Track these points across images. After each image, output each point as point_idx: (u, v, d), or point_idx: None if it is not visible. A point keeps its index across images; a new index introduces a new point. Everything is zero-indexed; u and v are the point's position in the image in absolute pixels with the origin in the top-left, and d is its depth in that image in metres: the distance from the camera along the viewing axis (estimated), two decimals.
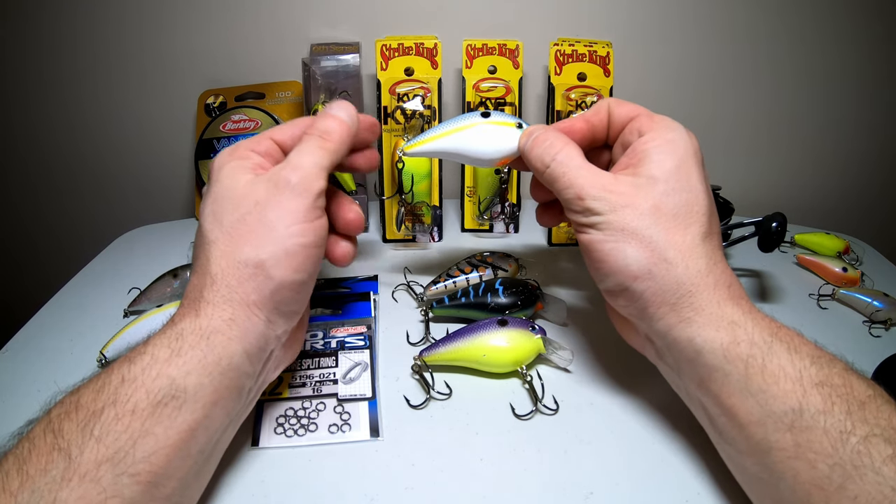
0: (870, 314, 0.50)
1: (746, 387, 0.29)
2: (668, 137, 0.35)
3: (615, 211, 0.33)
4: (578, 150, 0.37)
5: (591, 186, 0.34)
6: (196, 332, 0.29)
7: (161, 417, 0.27)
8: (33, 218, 0.81)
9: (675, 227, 0.33)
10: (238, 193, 0.32)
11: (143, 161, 0.74)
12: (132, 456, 0.25)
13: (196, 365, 0.28)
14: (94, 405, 0.26)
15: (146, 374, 0.27)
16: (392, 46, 0.58)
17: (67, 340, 0.46)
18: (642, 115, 0.37)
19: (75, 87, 0.70)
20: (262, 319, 0.31)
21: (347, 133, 0.35)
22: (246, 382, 0.32)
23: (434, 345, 0.43)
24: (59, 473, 0.24)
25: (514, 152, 0.41)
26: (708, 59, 0.68)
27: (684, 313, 0.32)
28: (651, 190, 0.33)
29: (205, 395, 0.28)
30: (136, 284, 0.51)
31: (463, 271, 0.51)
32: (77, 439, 0.25)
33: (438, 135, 0.42)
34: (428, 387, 0.41)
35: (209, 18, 0.66)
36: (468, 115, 0.43)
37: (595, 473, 0.35)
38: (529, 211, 0.69)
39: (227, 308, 0.30)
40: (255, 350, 0.31)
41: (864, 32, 0.67)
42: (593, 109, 0.39)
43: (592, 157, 0.39)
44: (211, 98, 0.66)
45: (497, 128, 0.41)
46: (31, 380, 0.42)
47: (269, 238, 0.31)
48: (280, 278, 0.31)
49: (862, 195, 0.77)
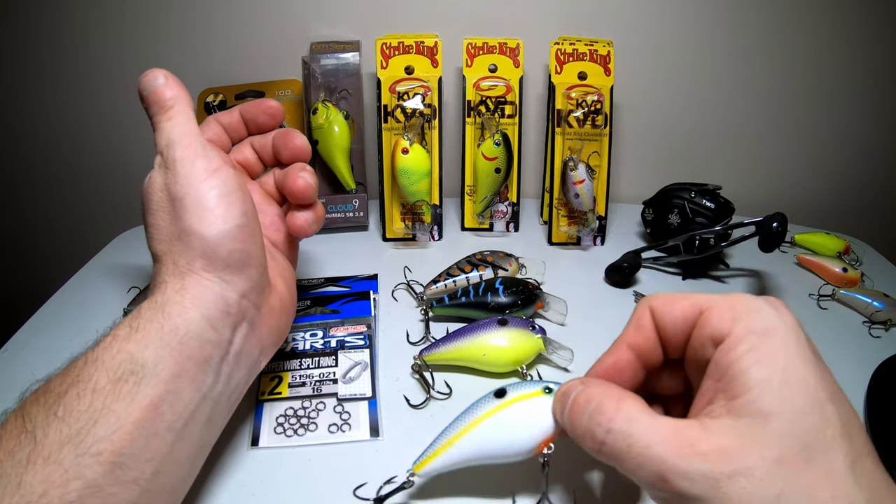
0: (870, 315, 0.50)
1: None
2: (760, 331, 0.24)
3: (722, 486, 0.22)
4: (639, 400, 0.26)
5: (677, 456, 0.23)
6: (152, 307, 0.29)
7: (121, 394, 0.26)
8: (33, 216, 0.81)
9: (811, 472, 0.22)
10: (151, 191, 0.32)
11: (142, 159, 0.74)
12: (93, 435, 0.25)
13: (154, 337, 0.28)
14: (60, 387, 0.27)
15: (107, 352, 0.27)
16: (392, 45, 0.58)
17: (67, 340, 0.46)
18: (709, 310, 0.26)
19: (76, 86, 0.70)
20: (215, 280, 0.31)
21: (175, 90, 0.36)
22: (213, 352, 0.30)
23: (434, 344, 0.43)
24: (25, 456, 0.24)
25: (554, 429, 0.30)
26: (709, 58, 0.68)
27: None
28: (765, 435, 0.22)
29: (165, 367, 0.28)
30: (136, 283, 0.51)
31: (463, 270, 0.51)
32: (42, 421, 0.25)
33: (448, 442, 0.32)
34: (428, 386, 0.41)
35: (209, 17, 0.66)
36: (478, 403, 0.32)
37: (595, 473, 0.35)
38: (529, 210, 0.69)
39: (177, 280, 0.30)
40: (215, 313, 0.30)
41: (865, 31, 0.67)
42: (633, 322, 0.29)
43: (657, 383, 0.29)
44: (211, 96, 0.66)
45: (519, 406, 0.31)
46: (30, 379, 0.41)
47: (182, 206, 0.31)
48: (211, 232, 0.31)
49: (862, 195, 0.77)
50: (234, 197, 0.32)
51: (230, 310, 0.31)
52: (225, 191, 0.32)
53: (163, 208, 0.31)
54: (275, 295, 0.35)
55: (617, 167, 0.59)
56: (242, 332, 0.32)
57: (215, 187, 0.31)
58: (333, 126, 0.58)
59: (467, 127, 0.61)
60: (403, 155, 0.56)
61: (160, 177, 0.32)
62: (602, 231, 0.61)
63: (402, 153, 0.56)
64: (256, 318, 0.33)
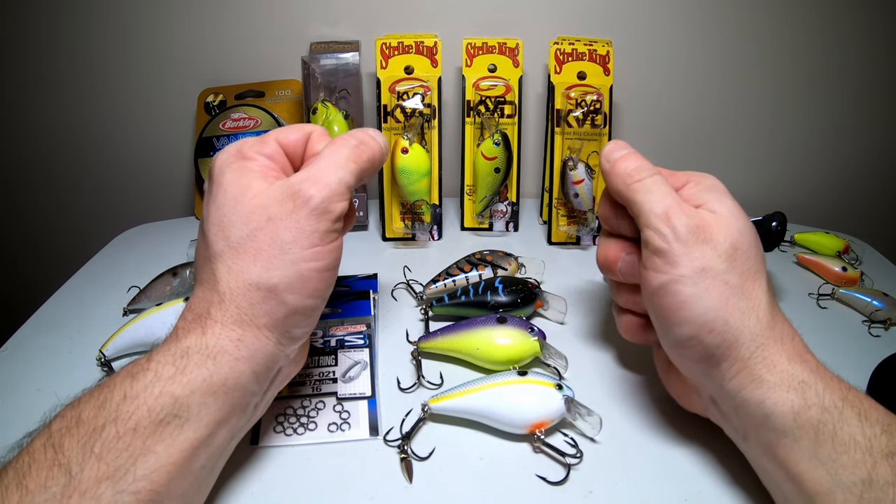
0: (869, 314, 0.50)
1: (816, 454, 0.28)
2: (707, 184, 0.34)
3: (697, 245, 0.31)
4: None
5: (681, 207, 0.32)
6: (202, 350, 0.28)
7: (163, 436, 0.26)
8: (34, 216, 0.81)
9: (748, 273, 0.31)
10: (248, 205, 0.30)
11: (142, 159, 0.74)
12: (133, 474, 0.25)
13: (201, 384, 0.28)
14: (96, 421, 0.26)
15: (149, 391, 0.27)
16: (392, 45, 0.58)
17: (67, 339, 0.46)
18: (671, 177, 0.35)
19: (75, 86, 0.70)
20: (273, 341, 0.30)
21: (380, 155, 0.33)
22: (251, 400, 0.31)
23: (432, 333, 0.44)
24: (59, 490, 0.24)
25: (550, 417, 0.36)
26: (708, 58, 0.68)
27: (756, 371, 0.30)
28: (729, 226, 0.32)
29: (209, 415, 0.28)
30: (136, 283, 0.51)
31: (462, 270, 0.51)
32: (77, 456, 0.25)
33: (465, 391, 0.37)
34: (419, 373, 0.41)
35: (209, 17, 0.66)
36: (502, 372, 0.39)
37: (594, 472, 0.35)
38: (529, 210, 0.69)
39: (235, 329, 0.29)
40: (262, 370, 0.30)
41: (865, 31, 0.67)
42: None
43: None
44: (211, 96, 0.66)
45: (533, 388, 0.37)
46: (30, 379, 0.42)
47: (282, 261, 0.29)
48: (293, 304, 0.30)
49: (862, 195, 0.77)
50: (329, 276, 0.31)
51: (276, 366, 0.32)
52: (328, 270, 0.31)
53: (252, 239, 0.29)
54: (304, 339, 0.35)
55: None
56: (279, 378, 0.34)
57: (323, 263, 0.30)
58: (333, 126, 0.58)
59: (467, 127, 0.61)
60: (403, 155, 0.56)
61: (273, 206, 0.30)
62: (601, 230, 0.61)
63: (401, 153, 0.56)
64: (285, 365, 0.34)
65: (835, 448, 0.27)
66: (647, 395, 0.41)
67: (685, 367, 0.34)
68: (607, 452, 0.36)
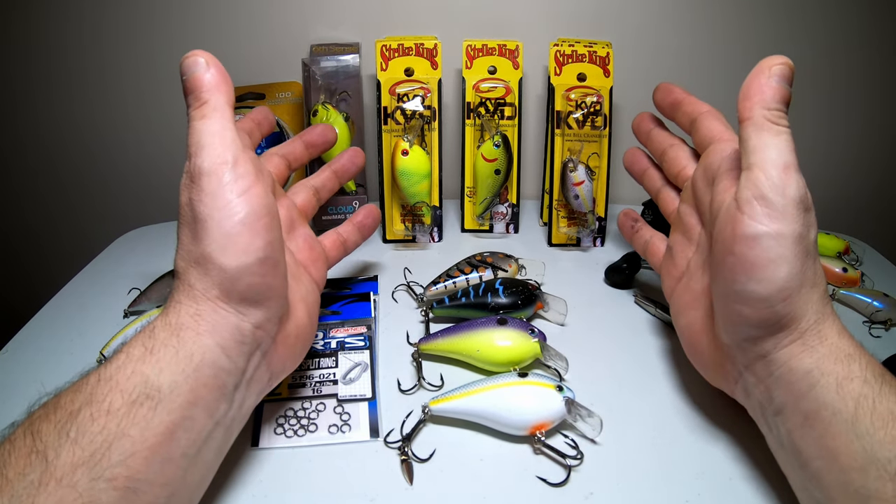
0: (870, 314, 0.50)
1: (853, 428, 0.27)
2: None
3: (803, 211, 0.30)
4: None
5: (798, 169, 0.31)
6: (166, 328, 0.29)
7: (136, 418, 0.26)
8: (35, 218, 0.81)
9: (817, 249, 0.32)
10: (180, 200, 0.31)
11: (143, 161, 0.74)
12: (108, 459, 0.25)
13: (169, 362, 0.27)
14: (72, 405, 0.26)
15: (121, 372, 0.27)
16: (392, 47, 0.58)
17: (68, 341, 0.46)
18: None
19: (77, 88, 0.70)
20: (231, 311, 0.30)
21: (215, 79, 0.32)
22: (227, 380, 0.30)
23: (433, 334, 0.44)
24: (37, 477, 0.24)
25: (551, 419, 0.36)
26: (708, 60, 0.68)
27: (809, 341, 0.30)
28: None
29: (181, 394, 0.27)
30: (137, 285, 0.51)
31: (463, 271, 0.51)
32: (54, 441, 0.25)
33: (466, 392, 0.38)
34: (419, 375, 0.41)
35: (209, 19, 0.66)
36: (503, 374, 0.39)
37: (595, 473, 0.35)
38: (529, 212, 0.69)
39: (192, 304, 0.29)
40: (230, 343, 0.30)
41: (866, 33, 0.67)
42: None
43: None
44: None
45: (533, 389, 0.37)
46: (30, 380, 0.42)
47: (204, 229, 0.29)
48: (232, 265, 0.29)
49: (861, 195, 0.77)
50: (260, 225, 0.30)
51: (245, 339, 0.31)
52: (251, 218, 0.30)
53: (186, 223, 0.30)
54: (292, 322, 0.34)
55: (616, 168, 0.59)
56: (255, 360, 0.32)
57: (241, 212, 0.29)
58: None
59: (467, 128, 0.61)
60: (403, 156, 0.56)
61: (186, 189, 0.30)
62: (602, 232, 0.61)
63: (401, 155, 0.56)
64: (269, 347, 0.33)
65: (873, 423, 0.27)
66: (647, 397, 0.41)
67: (735, 331, 0.33)
68: (608, 454, 0.36)
